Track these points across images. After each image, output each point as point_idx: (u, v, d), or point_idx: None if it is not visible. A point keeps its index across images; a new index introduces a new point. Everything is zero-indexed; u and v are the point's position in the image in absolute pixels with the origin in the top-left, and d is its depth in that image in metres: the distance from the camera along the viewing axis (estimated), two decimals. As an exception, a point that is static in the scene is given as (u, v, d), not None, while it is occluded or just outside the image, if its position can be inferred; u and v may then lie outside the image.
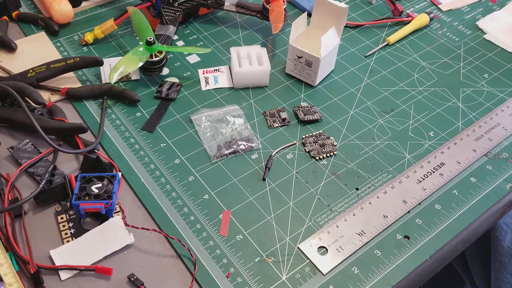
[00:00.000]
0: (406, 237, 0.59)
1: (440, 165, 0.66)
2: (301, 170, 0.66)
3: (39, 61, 0.74)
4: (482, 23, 0.90)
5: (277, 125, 0.71)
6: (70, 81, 0.75)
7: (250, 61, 0.75)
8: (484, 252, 0.83)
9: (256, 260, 0.56)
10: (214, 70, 0.78)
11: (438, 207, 0.62)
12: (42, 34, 0.83)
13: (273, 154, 0.67)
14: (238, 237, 0.58)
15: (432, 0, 0.95)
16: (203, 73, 0.78)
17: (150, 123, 0.70)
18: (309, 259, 0.56)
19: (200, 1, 0.83)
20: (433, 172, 0.65)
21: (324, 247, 0.57)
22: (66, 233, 0.57)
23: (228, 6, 0.84)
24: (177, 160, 0.66)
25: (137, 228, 0.57)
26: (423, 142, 0.70)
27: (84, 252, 0.55)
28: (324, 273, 0.55)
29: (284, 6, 0.80)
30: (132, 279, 0.53)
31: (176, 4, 0.82)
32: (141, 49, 0.73)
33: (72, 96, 0.72)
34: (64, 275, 0.54)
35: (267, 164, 0.65)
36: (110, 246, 0.56)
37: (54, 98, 0.72)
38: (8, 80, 0.71)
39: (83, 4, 0.88)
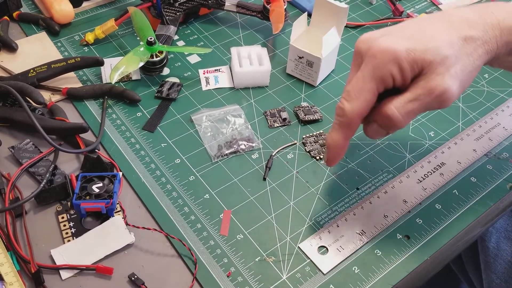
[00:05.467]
0: (407, 236, 0.59)
1: (440, 165, 0.66)
2: (302, 169, 0.66)
3: (40, 61, 0.74)
4: (482, 23, 0.90)
5: (277, 125, 0.71)
6: (71, 81, 0.75)
7: (251, 61, 0.75)
8: (476, 252, 0.82)
9: (257, 259, 0.56)
10: (215, 70, 0.78)
11: (439, 206, 0.62)
12: (43, 34, 0.83)
13: (273, 154, 0.67)
14: (238, 237, 0.58)
15: (432, 0, 0.95)
16: (204, 73, 0.78)
17: (150, 123, 0.70)
18: (309, 258, 0.56)
19: (201, 1, 0.84)
20: (434, 171, 0.65)
21: (324, 247, 0.57)
22: (67, 233, 0.57)
23: (228, 6, 0.85)
24: (178, 160, 0.66)
25: (138, 227, 0.57)
26: (423, 142, 0.70)
27: (84, 252, 0.55)
28: (325, 273, 0.55)
29: (285, 6, 0.81)
30: (133, 278, 0.53)
31: (176, 4, 0.82)
32: (141, 49, 0.73)
33: (73, 96, 0.72)
34: (64, 274, 0.54)
35: (268, 164, 0.65)
36: (111, 245, 0.56)
37: (55, 98, 0.72)
38: (9, 80, 0.71)
39: (84, 4, 0.88)
